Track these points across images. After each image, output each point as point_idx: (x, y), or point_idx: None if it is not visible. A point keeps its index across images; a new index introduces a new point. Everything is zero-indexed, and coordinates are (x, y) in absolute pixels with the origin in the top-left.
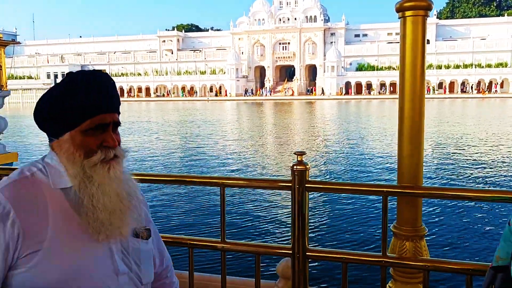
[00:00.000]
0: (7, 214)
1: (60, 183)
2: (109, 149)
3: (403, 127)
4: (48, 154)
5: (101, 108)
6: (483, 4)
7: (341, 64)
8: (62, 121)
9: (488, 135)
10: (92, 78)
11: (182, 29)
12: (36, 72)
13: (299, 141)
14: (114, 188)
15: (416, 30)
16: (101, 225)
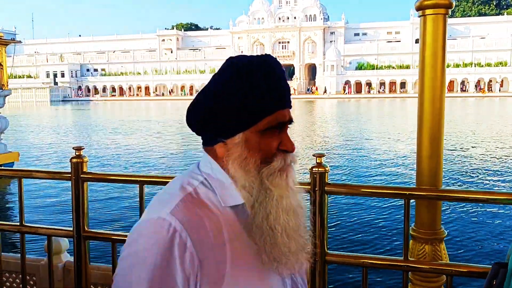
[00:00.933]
0: (184, 243)
1: (230, 200)
2: (287, 153)
3: (423, 128)
4: (204, 162)
5: (282, 102)
6: (483, 3)
7: (341, 63)
8: (234, 119)
9: (500, 134)
10: (268, 65)
11: (181, 28)
12: (36, 71)
13: (310, 141)
14: (293, 204)
15: (437, 28)
16: (279, 251)
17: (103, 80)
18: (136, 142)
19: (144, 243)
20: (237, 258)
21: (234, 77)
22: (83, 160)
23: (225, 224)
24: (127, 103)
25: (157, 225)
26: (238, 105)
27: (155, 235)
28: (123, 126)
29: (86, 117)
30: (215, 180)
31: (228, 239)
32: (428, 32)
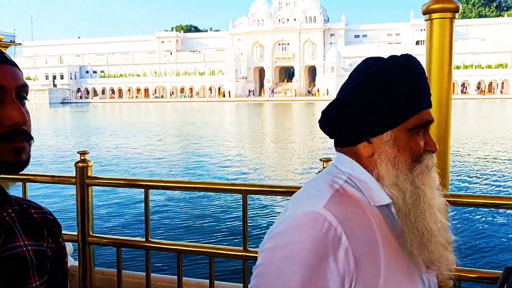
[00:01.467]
0: (339, 239)
1: (378, 199)
2: (432, 153)
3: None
4: (342, 162)
5: (428, 101)
6: (483, 5)
7: (341, 65)
8: (384, 117)
9: (504, 137)
10: (413, 64)
11: (181, 30)
12: (35, 73)
13: (313, 144)
14: (440, 204)
15: (443, 32)
16: (438, 253)
17: (102, 82)
18: (137, 144)
19: (298, 235)
20: (391, 260)
21: (382, 75)
22: (88, 165)
23: (376, 224)
24: (127, 105)
25: (311, 219)
26: (388, 102)
27: (309, 228)
28: (123, 129)
29: (85, 119)
30: (358, 180)
31: (381, 240)
32: (435, 36)
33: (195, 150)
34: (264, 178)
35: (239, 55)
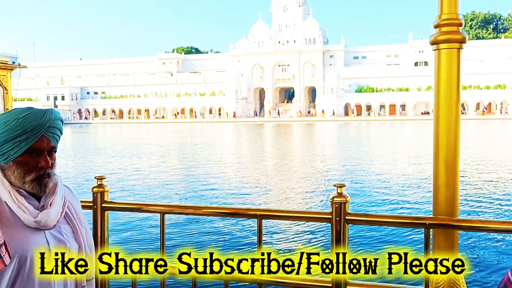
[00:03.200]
0: None
1: None
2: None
3: (439, 158)
4: None
5: None
6: (480, 27)
7: (341, 86)
8: None
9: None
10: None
11: (182, 51)
12: (36, 94)
13: (322, 166)
14: None
15: (451, 62)
16: None
17: (103, 103)
18: (141, 165)
19: None
20: None
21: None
22: (105, 190)
23: None
24: (127, 126)
25: None
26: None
27: None
28: (126, 150)
29: (87, 140)
30: None
31: None
32: (443, 66)
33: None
34: (277, 202)
35: (239, 76)
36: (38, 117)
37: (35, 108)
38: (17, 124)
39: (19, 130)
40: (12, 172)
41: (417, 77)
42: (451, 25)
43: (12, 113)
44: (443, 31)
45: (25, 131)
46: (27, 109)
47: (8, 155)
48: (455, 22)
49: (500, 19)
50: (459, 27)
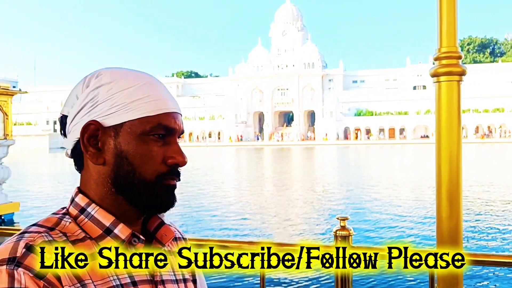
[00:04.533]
0: None
1: None
2: None
3: (441, 191)
4: None
5: None
6: (477, 51)
7: (340, 109)
8: None
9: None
10: None
11: (181, 75)
12: (35, 119)
13: (322, 193)
14: None
15: (451, 94)
16: None
17: None
18: None
19: None
20: None
21: None
22: None
23: None
24: None
25: None
26: None
27: None
28: None
29: None
30: None
31: None
32: (443, 98)
33: (202, 197)
34: (278, 231)
35: (238, 100)
36: None
37: None
38: None
39: None
40: None
41: (416, 101)
42: (451, 58)
43: None
44: (443, 64)
45: None
46: None
47: None
48: (454, 55)
49: (497, 43)
50: (458, 60)
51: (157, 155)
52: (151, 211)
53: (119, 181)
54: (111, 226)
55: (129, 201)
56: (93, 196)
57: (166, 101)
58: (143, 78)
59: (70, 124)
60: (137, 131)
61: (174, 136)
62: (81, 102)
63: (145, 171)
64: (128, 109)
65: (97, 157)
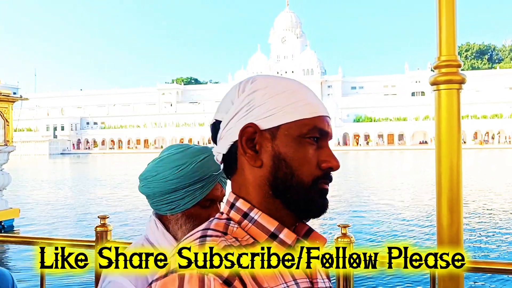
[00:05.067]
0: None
1: None
2: None
3: (442, 199)
4: None
5: None
6: (476, 57)
7: (339, 115)
8: None
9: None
10: None
11: (181, 82)
12: (36, 125)
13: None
14: None
15: (451, 103)
16: None
17: (102, 133)
18: (141, 198)
19: None
20: None
21: None
22: (108, 229)
23: None
24: (126, 156)
25: None
26: None
27: None
28: (127, 181)
29: (86, 171)
30: None
31: None
32: (443, 106)
33: None
34: None
35: None
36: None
37: (209, 148)
38: (194, 169)
39: (196, 177)
40: (178, 226)
41: (414, 107)
42: (451, 66)
43: (186, 155)
44: (443, 72)
45: (202, 178)
46: (203, 150)
47: (176, 205)
48: (454, 63)
49: (495, 49)
50: (458, 68)
51: (313, 158)
52: (306, 216)
53: (277, 183)
54: (275, 231)
55: (286, 204)
56: (251, 200)
57: (319, 105)
58: (295, 83)
59: (224, 129)
60: (294, 133)
61: (327, 140)
62: (237, 106)
63: (302, 174)
64: (285, 112)
65: (255, 159)
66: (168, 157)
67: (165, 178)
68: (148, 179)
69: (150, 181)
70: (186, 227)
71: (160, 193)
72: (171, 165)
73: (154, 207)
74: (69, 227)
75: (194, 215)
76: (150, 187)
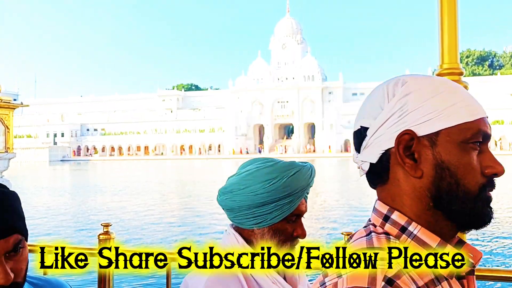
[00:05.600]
0: None
1: None
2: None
3: None
4: None
5: None
6: (476, 63)
7: (340, 121)
8: None
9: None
10: None
11: (182, 88)
12: (36, 131)
13: (333, 212)
14: None
15: None
16: None
17: (102, 139)
18: (142, 205)
19: None
20: None
21: None
22: (111, 237)
23: None
24: (127, 163)
25: None
26: None
27: None
28: (128, 188)
29: (86, 178)
30: None
31: None
32: None
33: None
34: None
35: (238, 112)
36: (307, 175)
37: (298, 163)
38: (285, 183)
39: (286, 192)
40: (264, 241)
41: None
42: (453, 74)
43: (277, 169)
44: None
45: (292, 193)
46: (293, 165)
47: (263, 219)
48: (456, 71)
49: (496, 56)
50: (460, 76)
51: (477, 165)
52: (469, 227)
53: (440, 194)
54: (438, 247)
55: (449, 216)
56: (407, 212)
57: (479, 105)
58: (449, 82)
59: (372, 136)
60: (458, 139)
61: (487, 143)
62: (388, 112)
63: (468, 183)
64: (444, 115)
65: (415, 169)
66: (257, 170)
67: (254, 192)
68: (234, 192)
69: (236, 194)
70: (271, 242)
71: (248, 206)
72: (262, 178)
73: (236, 220)
74: (70, 235)
75: (280, 230)
76: (236, 201)
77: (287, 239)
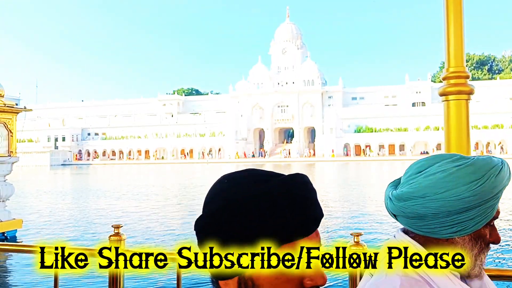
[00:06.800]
0: None
1: None
2: None
3: None
4: None
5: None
6: (475, 68)
7: (340, 126)
8: None
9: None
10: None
11: (182, 92)
12: (37, 135)
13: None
14: None
15: (460, 113)
16: None
17: (103, 143)
18: (145, 208)
19: None
20: None
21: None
22: (122, 238)
23: None
24: (128, 167)
25: None
26: None
27: None
28: (130, 192)
29: (88, 181)
30: None
31: None
32: (452, 117)
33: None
34: None
35: (239, 117)
36: (508, 173)
37: (495, 158)
38: (492, 184)
39: (493, 193)
40: (463, 251)
41: (415, 117)
42: (459, 77)
43: (480, 167)
44: (452, 83)
45: (497, 194)
46: (494, 161)
47: (463, 227)
48: (462, 75)
49: (495, 60)
50: (466, 80)
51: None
52: None
53: None
54: None
55: None
56: None
57: None
58: None
59: None
60: None
61: None
62: None
63: None
64: None
65: None
66: (458, 169)
67: (457, 196)
68: (429, 197)
69: (431, 200)
70: (473, 253)
71: (447, 213)
72: (467, 179)
73: (426, 229)
74: (73, 238)
75: (482, 236)
76: (431, 207)
77: (486, 246)
